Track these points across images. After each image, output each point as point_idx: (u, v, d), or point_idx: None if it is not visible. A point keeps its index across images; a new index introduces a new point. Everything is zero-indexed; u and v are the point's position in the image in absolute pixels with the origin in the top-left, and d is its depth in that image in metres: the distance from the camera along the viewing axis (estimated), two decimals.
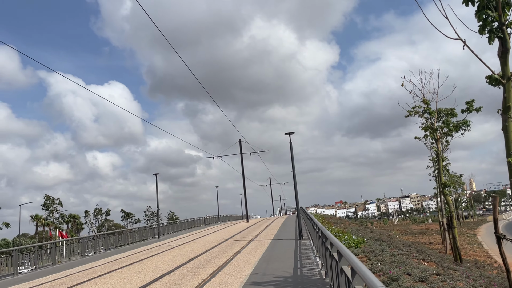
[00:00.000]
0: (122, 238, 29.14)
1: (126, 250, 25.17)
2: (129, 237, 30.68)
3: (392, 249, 15.02)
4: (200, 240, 27.07)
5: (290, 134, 21.72)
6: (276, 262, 13.65)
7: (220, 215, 67.74)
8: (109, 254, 24.15)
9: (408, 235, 44.55)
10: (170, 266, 15.21)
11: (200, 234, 33.18)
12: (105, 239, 26.50)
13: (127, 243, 29.37)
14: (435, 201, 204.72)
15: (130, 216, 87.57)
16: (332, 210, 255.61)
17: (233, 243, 22.10)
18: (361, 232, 24.48)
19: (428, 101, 17.36)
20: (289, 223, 39.18)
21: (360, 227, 32.84)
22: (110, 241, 28.01)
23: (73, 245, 23.55)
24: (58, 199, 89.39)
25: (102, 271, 15.94)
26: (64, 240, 25.82)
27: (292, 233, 26.09)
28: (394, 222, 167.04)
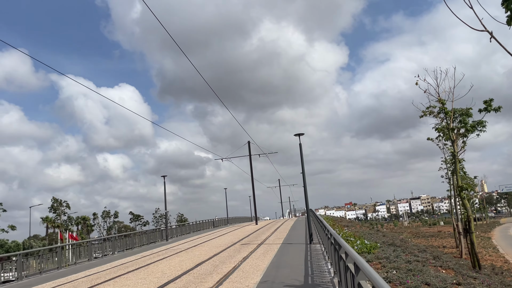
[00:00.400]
0: (130, 241, 28.79)
1: (134, 254, 24.79)
2: (137, 240, 30.32)
3: (407, 255, 14.38)
4: (208, 243, 26.60)
5: (300, 135, 21.15)
6: (286, 268, 13.10)
7: (229, 217, 67.34)
8: (116, 257, 23.79)
9: (420, 238, 43.58)
10: (177, 272, 14.74)
11: (209, 237, 32.73)
12: (113, 242, 26.16)
13: (135, 246, 29.02)
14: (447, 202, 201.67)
15: (138, 218, 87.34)
16: (342, 211, 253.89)
17: (242, 247, 21.58)
18: (373, 236, 23.79)
19: (443, 100, 16.65)
20: (299, 225, 38.57)
21: (372, 231, 32.09)
22: (118, 244, 27.68)
23: (79, 248, 23.22)
24: (66, 201, 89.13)
25: (107, 276, 15.53)
26: (71, 243, 25.52)
27: (302, 236, 25.50)
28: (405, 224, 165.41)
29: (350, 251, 6.62)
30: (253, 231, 35.59)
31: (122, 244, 27.86)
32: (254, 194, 48.85)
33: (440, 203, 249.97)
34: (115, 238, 26.89)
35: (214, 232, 40.33)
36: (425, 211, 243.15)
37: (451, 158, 35.28)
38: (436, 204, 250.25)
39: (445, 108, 16.72)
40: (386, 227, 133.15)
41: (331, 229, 11.23)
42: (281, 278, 11.35)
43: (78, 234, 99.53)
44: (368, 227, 48.86)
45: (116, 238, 27.14)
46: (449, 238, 42.11)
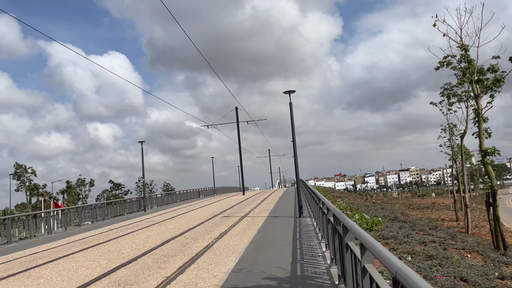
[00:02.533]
0: (101, 211, 26.00)
1: (103, 226, 22.08)
2: (111, 211, 27.58)
3: (418, 233, 11.77)
4: (188, 215, 23.98)
5: (290, 92, 18.16)
6: (269, 250, 10.42)
7: (217, 187, 64.95)
8: (79, 230, 21.06)
9: (415, 210, 41.61)
10: (136, 251, 12.02)
11: (191, 208, 30.13)
12: (80, 213, 23.34)
13: (107, 217, 26.29)
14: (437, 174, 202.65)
15: (119, 187, 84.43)
16: (331, 182, 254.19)
17: (222, 220, 18.95)
18: (371, 209, 21.29)
19: (466, 46, 13.74)
20: (288, 196, 36.13)
21: (368, 203, 29.76)
22: (88, 215, 24.93)
23: (35, 220, 20.39)
24: (31, 167, 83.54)
25: (52, 256, 12.77)
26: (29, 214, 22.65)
27: (291, 208, 22.95)
28: (394, 195, 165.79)
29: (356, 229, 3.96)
30: (239, 201, 33.07)
31: (92, 215, 25.10)
32: (241, 163, 46.21)
33: (428, 175, 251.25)
34: (82, 209, 24.04)
35: (198, 202, 37.80)
36: (413, 183, 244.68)
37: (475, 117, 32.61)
38: (425, 176, 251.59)
39: (467, 56, 13.82)
40: (375, 197, 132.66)
41: (328, 202, 8.44)
42: (260, 265, 8.66)
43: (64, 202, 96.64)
44: (363, 198, 46.73)
45: (84, 209, 24.31)
46: (446, 210, 40.24)
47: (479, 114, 13.23)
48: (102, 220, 25.57)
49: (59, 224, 22.32)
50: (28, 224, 19.22)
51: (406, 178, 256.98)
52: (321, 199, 10.65)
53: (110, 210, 27.37)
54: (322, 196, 10.98)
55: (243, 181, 47.13)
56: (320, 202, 10.90)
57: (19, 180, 75.20)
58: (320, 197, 11.02)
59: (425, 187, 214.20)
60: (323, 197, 10.73)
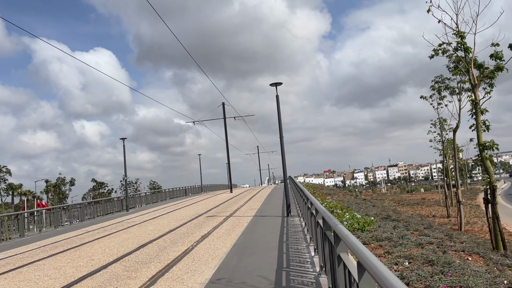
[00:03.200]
0: (80, 212, 24.79)
1: (79, 228, 20.93)
2: (90, 211, 26.36)
3: (413, 234, 10.94)
4: (171, 215, 22.94)
5: (277, 85, 17.20)
6: (253, 255, 9.48)
7: (204, 185, 63.88)
8: (53, 233, 19.88)
9: (405, 206, 41.12)
10: (108, 257, 10.99)
11: (175, 207, 29.08)
12: (55, 214, 22.12)
13: (85, 218, 25.09)
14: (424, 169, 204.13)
15: (102, 185, 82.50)
16: (321, 179, 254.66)
17: (206, 220, 17.97)
18: (361, 207, 20.49)
19: (463, 33, 12.94)
20: (276, 193, 35.26)
21: (359, 200, 29.02)
22: (65, 216, 23.72)
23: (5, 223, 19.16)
24: (5, 166, 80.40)
25: (17, 262, 11.66)
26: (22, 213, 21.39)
27: (279, 207, 22.06)
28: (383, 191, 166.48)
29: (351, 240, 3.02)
30: (226, 200, 32.10)
31: (70, 216, 23.88)
32: (228, 160, 45.21)
33: (416, 170, 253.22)
34: (59, 209, 22.83)
35: (184, 201, 36.72)
36: (402, 178, 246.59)
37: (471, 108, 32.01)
38: (413, 171, 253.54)
39: (464, 44, 13.02)
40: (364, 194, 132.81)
41: (317, 203, 7.54)
42: (242, 274, 7.71)
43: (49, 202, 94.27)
44: (352, 195, 46.09)
45: (61, 209, 23.09)
46: (436, 206, 39.81)
47: (477, 105, 12.45)
48: (81, 221, 24.39)
49: (34, 226, 21.09)
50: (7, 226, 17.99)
51: (395, 174, 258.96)
52: (309, 198, 9.73)
53: (89, 210, 26.15)
54: (311, 196, 10.07)
55: (230, 179, 46.17)
56: (309, 201, 10.00)
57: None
58: (309, 196, 10.11)
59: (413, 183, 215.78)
60: (311, 196, 9.82)
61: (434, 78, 24.67)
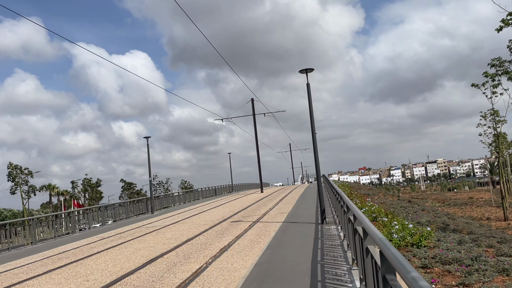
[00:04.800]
0: (100, 215, 23.42)
1: (95, 234, 19.46)
2: (110, 214, 25.00)
3: (488, 252, 8.40)
4: (194, 218, 21.12)
5: (308, 71, 14.90)
6: (278, 283, 7.30)
7: (236, 184, 62.31)
8: (69, 239, 18.47)
9: (452, 207, 37.63)
10: (105, 277, 9.14)
11: (201, 209, 27.32)
12: (72, 218, 20.76)
13: (107, 221, 23.71)
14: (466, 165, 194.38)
15: (131, 186, 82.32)
16: (355, 176, 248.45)
17: (230, 227, 15.94)
18: (409, 211, 17.83)
19: None
20: (309, 194, 32.85)
21: (403, 202, 26.04)
22: (84, 220, 22.39)
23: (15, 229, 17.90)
24: (27, 168, 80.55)
25: (8, 280, 10.01)
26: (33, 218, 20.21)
27: (312, 210, 19.73)
28: (422, 189, 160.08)
29: None
30: (255, 201, 30.03)
31: (89, 218, 22.52)
32: (258, 158, 43.10)
33: (457, 167, 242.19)
34: (76, 213, 21.47)
35: (212, 202, 34.98)
36: (441, 175, 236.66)
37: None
38: (453, 168, 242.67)
39: None
40: (402, 191, 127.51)
41: (361, 215, 5.27)
42: None
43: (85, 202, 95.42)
44: (394, 195, 42.79)
45: (79, 213, 21.74)
46: (487, 206, 36.10)
47: None
48: (101, 225, 23.01)
49: (48, 232, 19.81)
50: (5, 234, 16.68)
51: (434, 171, 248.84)
52: (350, 207, 7.45)
53: (111, 212, 24.77)
54: (351, 203, 7.77)
55: (261, 178, 44.08)
56: (349, 212, 7.74)
57: (13, 182, 72.51)
58: (349, 204, 7.82)
59: (453, 180, 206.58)
60: (352, 204, 7.52)
61: (491, 61, 21.59)
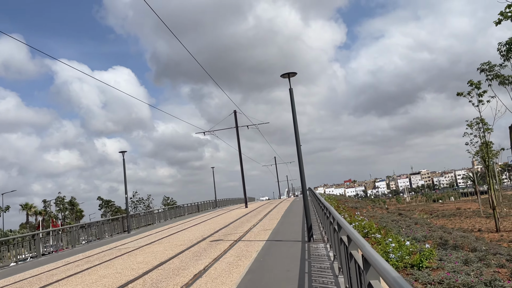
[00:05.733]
0: (70, 237, 21.64)
1: (60, 258, 17.75)
2: (85, 235, 23.23)
3: (501, 274, 7.22)
4: (172, 238, 19.59)
5: (290, 75, 13.77)
6: None
7: (220, 199, 60.70)
8: (25, 267, 16.70)
9: (441, 218, 36.78)
10: None
11: (181, 226, 25.76)
12: (37, 240, 18.97)
13: (76, 244, 21.92)
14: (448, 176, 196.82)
15: (109, 203, 79.51)
16: (341, 189, 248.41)
17: (208, 247, 14.49)
18: (402, 225, 16.68)
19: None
20: (295, 208, 31.57)
21: (394, 215, 24.90)
22: (51, 242, 20.60)
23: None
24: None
25: None
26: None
27: (298, 226, 18.43)
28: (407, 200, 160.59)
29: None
30: (239, 217, 28.58)
31: (58, 240, 20.74)
32: (242, 171, 41.76)
33: (440, 178, 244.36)
34: (42, 235, 19.68)
35: (194, 218, 33.38)
36: (426, 186, 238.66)
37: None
38: (437, 179, 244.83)
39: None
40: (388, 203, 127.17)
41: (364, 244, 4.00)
42: None
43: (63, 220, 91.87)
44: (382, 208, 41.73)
45: (43, 235, 19.96)
46: (476, 217, 35.39)
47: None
48: (71, 248, 21.23)
49: (8, 256, 17.97)
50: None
51: (418, 182, 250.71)
52: (342, 225, 6.20)
53: (84, 233, 23.00)
54: (343, 220, 6.52)
55: (245, 192, 42.64)
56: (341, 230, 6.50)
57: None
58: (340, 221, 6.57)
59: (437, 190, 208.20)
60: (345, 222, 6.27)
61: (480, 65, 20.91)
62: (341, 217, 7.24)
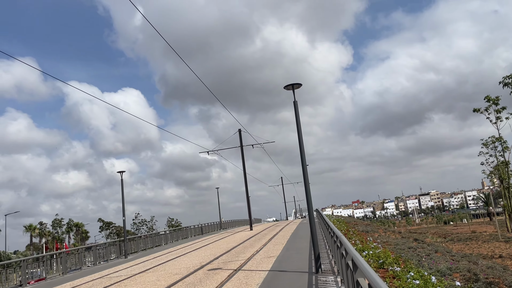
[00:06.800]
0: (60, 262, 20.21)
1: (49, 286, 16.31)
2: (76, 260, 21.79)
3: None
4: (168, 265, 18.09)
5: (295, 87, 12.53)
6: None
7: (226, 221, 59.10)
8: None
9: (456, 243, 34.80)
10: None
11: (181, 251, 24.25)
12: (23, 267, 17.55)
13: (67, 270, 20.47)
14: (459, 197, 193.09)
15: (110, 226, 77.82)
16: (349, 210, 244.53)
17: (204, 278, 13.00)
18: (421, 253, 15.06)
19: None
20: (302, 232, 29.92)
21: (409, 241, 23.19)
22: (34, 270, 19.18)
23: None
24: None
25: None
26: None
27: (304, 254, 16.86)
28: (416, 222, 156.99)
29: None
30: (242, 241, 26.99)
31: (46, 267, 19.32)
32: (247, 191, 40.25)
33: (450, 199, 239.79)
34: (26, 262, 18.25)
35: (196, 242, 31.80)
36: (435, 207, 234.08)
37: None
38: (446, 200, 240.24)
39: None
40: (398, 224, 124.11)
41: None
42: None
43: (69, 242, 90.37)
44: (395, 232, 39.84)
45: (30, 261, 18.54)
46: (494, 242, 33.35)
47: None
48: (61, 275, 19.78)
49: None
50: None
51: (427, 203, 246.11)
52: (361, 267, 4.80)
53: (74, 259, 21.57)
54: (361, 259, 5.11)
55: (250, 214, 41.03)
56: (357, 271, 5.11)
57: None
58: (358, 261, 5.17)
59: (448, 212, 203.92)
60: (364, 263, 4.87)
61: (503, 79, 19.56)
62: (358, 255, 5.83)
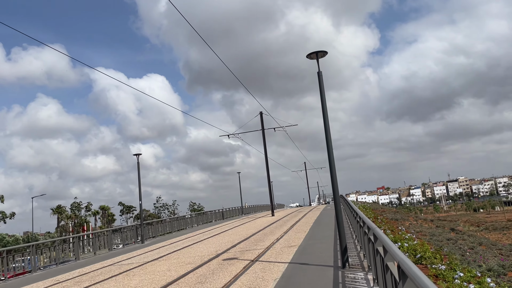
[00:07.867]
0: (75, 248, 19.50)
1: (54, 274, 15.54)
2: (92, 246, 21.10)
3: None
4: (182, 253, 17.06)
5: (319, 55, 10.94)
6: None
7: (249, 205, 58.40)
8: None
9: (492, 232, 32.64)
10: None
11: (198, 237, 23.27)
12: (32, 252, 16.87)
13: (81, 256, 19.78)
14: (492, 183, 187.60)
15: (130, 209, 78.22)
16: (374, 196, 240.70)
17: (218, 269, 11.78)
18: (460, 245, 13.39)
19: None
20: (326, 219, 28.45)
21: (445, 232, 21.42)
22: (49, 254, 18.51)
23: None
24: None
25: None
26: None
27: (329, 243, 15.41)
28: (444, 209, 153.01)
29: None
30: (262, 227, 25.77)
31: (58, 254, 18.63)
32: (268, 176, 38.93)
33: (479, 185, 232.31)
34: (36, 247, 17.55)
35: (215, 227, 30.84)
36: (464, 194, 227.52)
37: None
38: (475, 186, 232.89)
39: None
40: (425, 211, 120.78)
41: None
42: None
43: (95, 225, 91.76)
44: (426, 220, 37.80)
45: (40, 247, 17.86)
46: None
47: None
48: (75, 260, 19.09)
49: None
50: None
51: (455, 190, 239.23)
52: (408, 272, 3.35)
53: (90, 244, 20.87)
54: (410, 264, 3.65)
55: (271, 199, 39.80)
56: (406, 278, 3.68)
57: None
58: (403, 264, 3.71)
59: (477, 199, 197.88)
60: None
61: None
62: (407, 259, 4.36)
